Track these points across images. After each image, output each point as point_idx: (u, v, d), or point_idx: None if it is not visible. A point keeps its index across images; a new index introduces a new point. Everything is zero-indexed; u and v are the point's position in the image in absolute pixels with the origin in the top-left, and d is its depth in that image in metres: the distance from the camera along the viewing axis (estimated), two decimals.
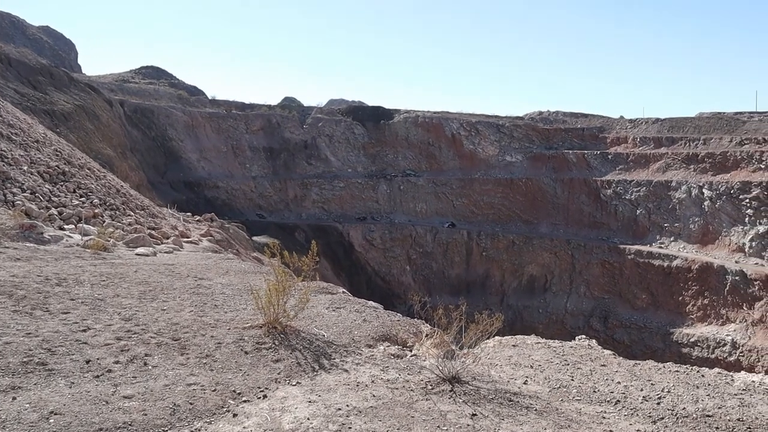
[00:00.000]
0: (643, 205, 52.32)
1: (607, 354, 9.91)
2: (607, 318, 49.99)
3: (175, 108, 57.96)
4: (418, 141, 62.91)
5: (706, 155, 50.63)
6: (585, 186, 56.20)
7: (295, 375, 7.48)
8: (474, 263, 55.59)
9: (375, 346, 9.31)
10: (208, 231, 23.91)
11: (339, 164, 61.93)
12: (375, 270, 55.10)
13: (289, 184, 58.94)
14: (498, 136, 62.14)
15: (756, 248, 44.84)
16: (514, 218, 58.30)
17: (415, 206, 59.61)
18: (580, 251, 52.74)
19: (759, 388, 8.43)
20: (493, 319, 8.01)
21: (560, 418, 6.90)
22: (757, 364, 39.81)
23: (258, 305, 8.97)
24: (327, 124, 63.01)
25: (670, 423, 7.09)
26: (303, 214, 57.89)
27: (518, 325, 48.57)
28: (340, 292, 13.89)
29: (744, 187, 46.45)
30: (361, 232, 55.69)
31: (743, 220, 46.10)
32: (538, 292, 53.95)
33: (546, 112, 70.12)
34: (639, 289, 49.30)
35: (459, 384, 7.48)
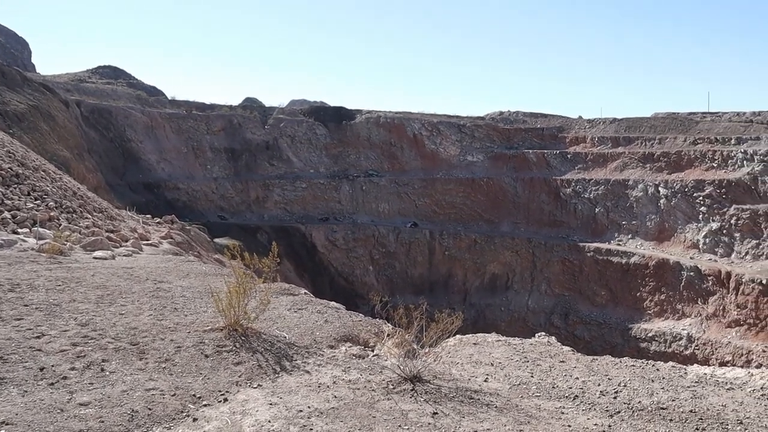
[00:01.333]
0: (602, 204, 53.32)
1: (566, 350, 10.09)
2: (567, 315, 50.80)
3: (133, 108, 56.93)
4: (380, 141, 63.01)
5: (661, 154, 51.88)
6: (545, 185, 57.01)
7: (257, 377, 7.43)
8: (436, 263, 55.91)
9: (337, 346, 9.31)
10: (169, 233, 23.56)
11: (301, 165, 61.64)
12: (338, 270, 55.00)
13: (251, 185, 58.42)
14: (459, 136, 62.61)
15: (709, 244, 46.11)
16: (476, 218, 58.82)
17: (378, 206, 59.69)
18: (541, 249, 53.48)
19: (710, 380, 8.68)
20: (453, 318, 8.09)
21: (520, 414, 7.00)
22: (711, 357, 40.92)
23: (218, 308, 8.88)
24: (289, 125, 62.65)
25: (626, 416, 7.25)
26: (265, 216, 57.45)
27: (481, 324, 48.96)
28: (301, 293, 13.84)
29: (698, 185, 47.75)
30: (323, 233, 55.52)
31: (697, 217, 47.37)
32: (500, 290, 54.53)
33: (506, 112, 70.94)
34: (598, 285, 50.23)
35: (420, 383, 7.53)
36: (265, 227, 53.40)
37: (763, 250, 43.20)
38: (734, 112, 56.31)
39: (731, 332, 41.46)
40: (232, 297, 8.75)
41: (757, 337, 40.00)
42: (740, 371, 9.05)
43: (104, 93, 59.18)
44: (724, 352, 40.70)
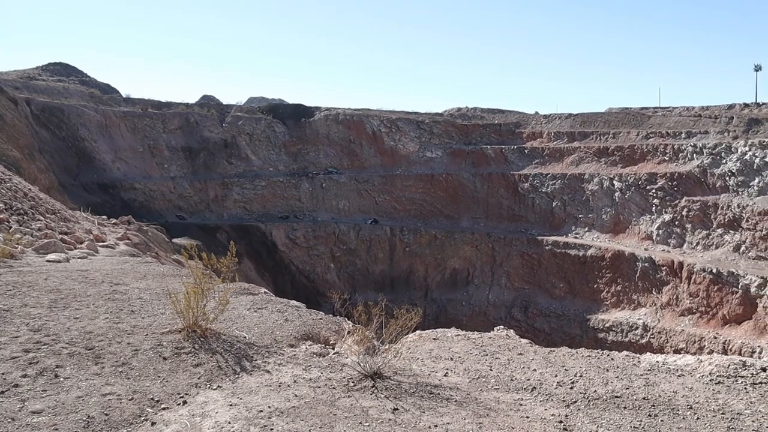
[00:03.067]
0: (559, 198, 54.21)
1: (524, 343, 10.26)
2: (527, 308, 51.54)
3: (86, 107, 55.58)
4: (339, 138, 62.88)
5: (615, 148, 52.98)
6: (503, 180, 57.67)
7: (216, 379, 7.39)
8: (397, 259, 56.11)
9: (297, 345, 9.30)
10: (125, 234, 23.14)
11: (260, 163, 61.09)
12: (299, 269, 54.75)
13: (210, 184, 57.67)
14: (418, 133, 62.88)
15: (662, 236, 47.32)
16: (436, 213, 59.20)
17: (338, 204, 59.58)
18: (500, 244, 54.12)
19: (662, 368, 8.93)
20: (412, 314, 8.15)
21: (479, 407, 7.10)
22: (666, 345, 42.04)
23: (176, 309, 8.79)
24: (247, 123, 62.00)
25: (583, 406, 7.42)
26: (225, 215, 56.81)
27: (443, 319, 49.41)
28: (261, 292, 13.77)
29: (650, 178, 48.93)
30: (284, 231, 55.17)
31: (650, 209, 48.56)
32: (460, 285, 55.00)
33: (464, 108, 71.55)
34: (557, 278, 51.09)
35: (381, 379, 7.58)
36: (225, 226, 52.81)
37: (713, 241, 44.50)
38: (684, 107, 57.83)
39: (684, 320, 42.66)
40: (190, 298, 8.66)
41: (708, 325, 41.23)
42: (690, 358, 9.34)
43: (55, 91, 57.65)
44: (678, 340, 41.85)
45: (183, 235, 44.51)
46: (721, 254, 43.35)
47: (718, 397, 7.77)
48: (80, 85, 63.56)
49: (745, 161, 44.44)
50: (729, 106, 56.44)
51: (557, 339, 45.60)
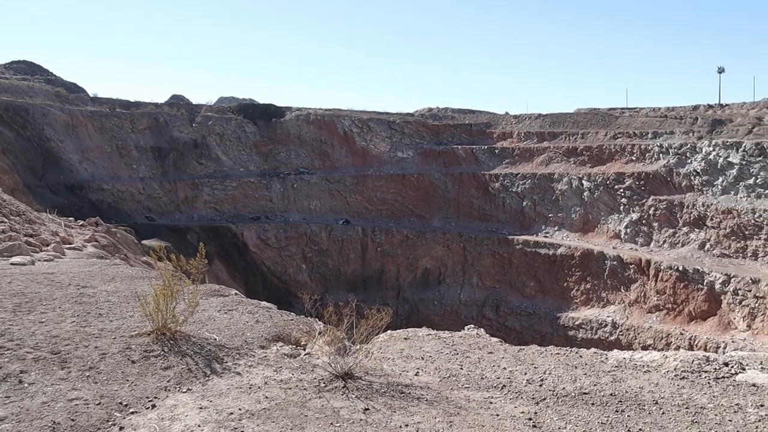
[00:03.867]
0: (529, 197, 54.74)
1: (494, 341, 10.36)
2: (498, 306, 51.95)
3: (52, 106, 54.55)
4: (310, 139, 62.67)
5: (584, 148, 53.70)
6: (474, 180, 58.05)
7: (186, 382, 7.33)
8: (369, 259, 56.11)
9: (268, 347, 9.26)
10: (93, 236, 22.77)
11: (231, 163, 60.61)
12: (271, 270, 54.44)
13: (180, 184, 57.02)
14: (389, 133, 62.98)
15: (630, 234, 48.11)
16: (407, 213, 59.35)
17: (309, 204, 59.39)
18: (472, 243, 54.46)
19: (629, 364, 9.10)
20: (383, 314, 8.19)
21: (450, 406, 7.16)
22: (634, 342, 42.74)
23: (145, 312, 8.69)
24: (217, 123, 61.46)
25: (552, 403, 7.53)
26: (195, 216, 56.23)
27: (415, 318, 49.56)
28: (232, 293, 13.68)
29: (618, 177, 49.72)
30: (255, 232, 54.81)
31: (618, 208, 49.33)
32: (432, 284, 55.22)
33: (435, 108, 71.88)
34: (527, 277, 51.58)
35: (352, 380, 7.59)
36: (195, 227, 52.27)
37: (679, 239, 45.37)
38: (650, 107, 58.91)
39: (652, 317, 43.42)
40: (159, 300, 8.58)
41: (675, 321, 42.03)
42: (656, 354, 9.52)
43: (19, 89, 56.48)
44: (646, 337, 42.58)
45: (153, 236, 43.96)
46: (687, 252, 44.21)
47: (683, 391, 7.94)
48: (46, 84, 62.38)
49: (709, 161, 45.38)
50: (694, 107, 57.62)
51: (528, 337, 46.05)
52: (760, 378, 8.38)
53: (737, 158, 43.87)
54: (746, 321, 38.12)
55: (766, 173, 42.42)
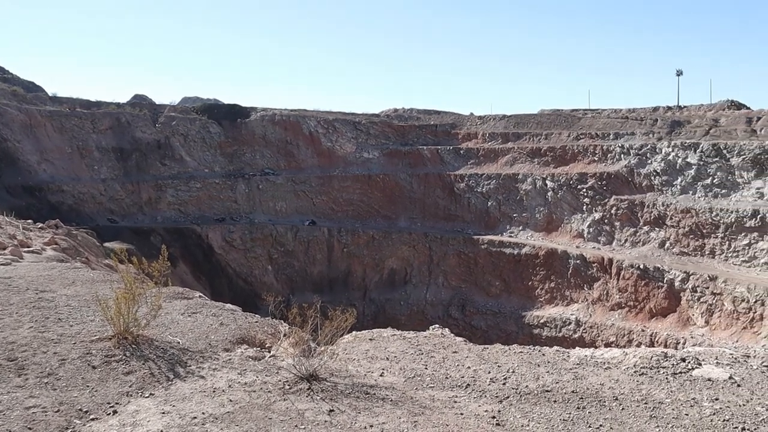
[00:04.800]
0: (494, 197, 55.25)
1: (459, 341, 10.45)
2: (464, 306, 52.30)
3: (9, 106, 53.17)
4: (276, 139, 62.26)
5: (548, 149, 54.44)
6: (439, 180, 58.36)
7: (148, 386, 7.24)
8: (336, 260, 55.99)
9: (232, 349, 9.20)
10: (53, 239, 22.30)
11: (195, 164, 59.86)
12: (236, 271, 53.93)
13: (143, 186, 56.09)
14: (355, 134, 62.94)
15: (593, 233, 48.92)
16: (373, 214, 59.40)
17: (275, 205, 58.99)
18: (437, 243, 54.74)
19: (590, 362, 9.27)
20: (347, 315, 8.20)
21: (414, 406, 7.21)
22: (597, 339, 43.48)
23: (106, 316, 8.56)
24: (181, 123, 60.64)
25: (515, 401, 7.63)
26: (159, 217, 55.38)
27: (381, 319, 49.61)
28: (196, 296, 13.54)
29: (581, 178, 50.52)
30: (220, 234, 54.23)
31: (581, 208, 50.12)
32: (398, 285, 55.35)
33: (401, 109, 72.09)
34: (493, 276, 52.04)
35: (317, 381, 7.59)
36: (159, 229, 51.48)
37: (640, 238, 46.29)
38: (612, 109, 60.02)
39: (614, 315, 44.21)
40: (120, 303, 8.45)
41: (636, 318, 42.88)
42: (617, 351, 9.72)
43: None
44: (609, 334, 43.34)
45: (115, 238, 43.17)
46: (648, 251, 45.14)
47: (642, 387, 8.12)
48: (1, 83, 60.82)
49: (668, 161, 46.44)
50: (654, 109, 58.88)
51: (494, 336, 46.45)
52: (715, 373, 8.63)
53: (695, 159, 44.99)
54: (704, 317, 39.09)
55: (722, 173, 43.57)
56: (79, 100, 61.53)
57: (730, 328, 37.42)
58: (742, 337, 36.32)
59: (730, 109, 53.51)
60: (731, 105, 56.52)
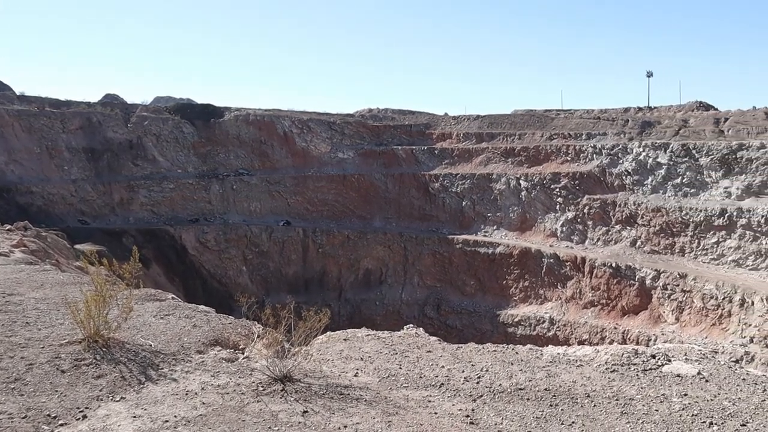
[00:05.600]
0: (468, 197, 55.54)
1: (433, 340, 10.48)
2: (439, 305, 52.50)
3: None
4: (250, 139, 61.88)
5: (521, 149, 54.89)
6: (414, 180, 58.51)
7: (119, 390, 7.15)
8: (311, 260, 55.83)
9: (206, 351, 9.12)
10: (21, 241, 21.88)
11: (168, 164, 59.24)
12: (210, 273, 53.49)
13: (114, 186, 55.35)
14: (330, 134, 62.82)
15: (566, 233, 49.45)
16: (348, 214, 59.33)
17: (249, 205, 58.63)
18: (412, 243, 54.87)
19: (563, 359, 9.36)
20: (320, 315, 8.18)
21: (389, 406, 7.22)
22: (571, 337, 43.95)
23: (76, 319, 8.42)
24: (154, 123, 59.96)
25: (488, 399, 7.68)
26: (131, 218, 54.71)
27: (357, 319, 49.57)
28: (169, 298, 13.39)
29: (554, 177, 51.05)
30: (194, 234, 53.75)
31: (555, 207, 50.63)
32: (374, 285, 55.37)
33: (375, 109, 72.10)
34: (467, 276, 52.31)
35: (291, 383, 7.56)
36: (132, 231, 50.85)
37: (612, 236, 46.91)
38: (584, 109, 60.75)
39: (587, 313, 44.74)
40: (90, 306, 8.33)
41: (609, 316, 43.44)
42: (588, 349, 9.84)
43: None
44: (582, 332, 43.84)
45: (87, 240, 42.55)
46: (620, 249, 45.76)
47: (613, 384, 8.23)
48: None
49: (639, 161, 47.13)
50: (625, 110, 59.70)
51: (469, 335, 46.68)
52: (684, 368, 8.77)
53: (665, 159, 45.72)
54: (675, 314, 39.75)
55: (691, 173, 44.34)
56: (48, 100, 60.51)
57: (699, 325, 38.10)
58: (711, 334, 37.00)
59: (699, 110, 54.50)
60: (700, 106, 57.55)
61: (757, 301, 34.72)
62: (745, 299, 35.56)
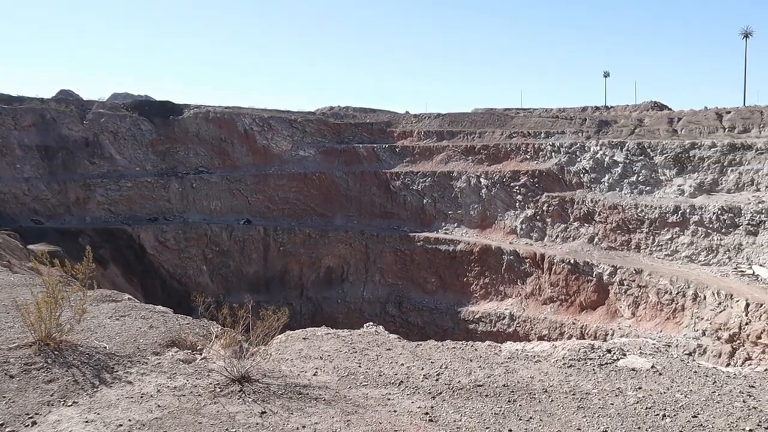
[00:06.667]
0: (429, 195, 55.82)
1: (393, 338, 10.50)
2: (401, 303, 52.64)
3: None
4: (209, 137, 61.08)
5: (481, 147, 55.40)
6: (375, 178, 58.54)
7: (72, 394, 6.97)
8: (272, 259, 55.40)
9: (162, 353, 8.97)
10: None
11: (126, 163, 58.07)
12: (170, 272, 52.64)
13: (70, 185, 54.01)
14: (291, 132, 62.43)
15: (525, 230, 50.07)
16: (310, 212, 59.07)
17: (210, 204, 57.89)
18: (374, 241, 54.89)
19: (521, 355, 9.47)
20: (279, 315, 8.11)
21: (348, 405, 7.19)
22: (531, 332, 44.53)
23: (26, 321, 8.19)
24: (111, 120, 58.70)
25: (447, 396, 7.72)
26: (87, 218, 53.47)
27: (319, 317, 49.39)
28: (125, 298, 13.14)
29: (514, 175, 51.65)
30: (152, 234, 52.80)
31: (514, 205, 51.23)
32: (335, 283, 55.23)
33: (336, 107, 71.98)
34: (428, 273, 52.57)
35: (249, 383, 7.48)
36: (88, 230, 49.68)
37: (570, 233, 47.66)
38: (543, 108, 61.72)
39: (546, 308, 45.37)
40: (42, 308, 8.10)
41: (567, 311, 44.15)
42: (546, 344, 9.97)
43: None
44: (541, 327, 44.46)
45: (41, 240, 41.42)
46: (578, 246, 46.52)
47: (570, 379, 8.35)
48: None
49: (596, 159, 48.01)
50: (582, 109, 60.79)
51: (430, 332, 46.95)
52: (639, 362, 8.96)
53: (621, 157, 46.68)
54: (631, 309, 40.60)
55: (646, 171, 45.35)
56: None
57: (654, 319, 38.99)
58: (665, 327, 37.91)
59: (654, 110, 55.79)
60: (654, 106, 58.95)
61: (708, 295, 35.70)
62: (698, 294, 36.52)
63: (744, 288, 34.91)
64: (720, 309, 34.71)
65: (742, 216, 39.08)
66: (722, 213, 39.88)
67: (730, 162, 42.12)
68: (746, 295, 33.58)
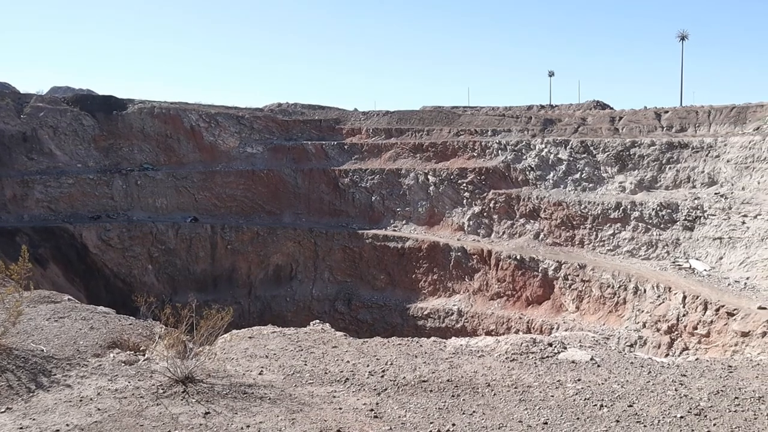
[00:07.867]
0: (378, 192, 55.97)
1: (339, 336, 10.54)
2: (350, 300, 52.65)
3: None
4: (155, 133, 59.75)
5: (429, 145, 55.84)
6: (324, 176, 58.36)
7: (5, 400, 6.78)
8: (219, 257, 54.63)
9: (104, 354, 8.79)
10: None
11: (66, 159, 56.31)
12: (114, 272, 51.33)
13: (6, 182, 52.09)
14: (238, 128, 61.64)
15: (473, 226, 50.74)
16: (258, 210, 58.47)
17: (155, 202, 56.68)
18: (322, 238, 54.73)
19: (465, 351, 9.63)
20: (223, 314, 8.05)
21: (293, 403, 7.20)
22: (479, 328, 45.17)
23: None
24: (50, 114, 56.82)
25: (393, 392, 7.80)
26: (25, 216, 51.67)
27: (267, 315, 48.93)
28: (65, 299, 12.80)
29: (461, 173, 52.26)
30: (95, 233, 51.37)
31: (462, 202, 51.84)
32: (284, 281, 54.84)
33: (285, 104, 71.33)
34: (377, 270, 52.72)
35: (193, 383, 7.41)
36: (26, 229, 48.02)
37: (516, 230, 48.52)
38: (490, 106, 62.50)
39: (494, 304, 46.11)
40: None
41: (514, 306, 44.96)
42: (490, 339, 10.17)
43: None
44: (489, 323, 45.14)
45: None
46: (524, 242, 47.40)
47: (512, 373, 8.54)
48: None
49: (542, 157, 48.99)
50: (528, 107, 61.86)
51: (379, 329, 47.15)
52: (579, 355, 9.22)
53: (565, 155, 47.76)
54: (575, 303, 41.63)
55: (589, 169, 46.53)
56: None
57: (597, 312, 40.08)
58: (608, 321, 39.00)
59: (596, 109, 57.23)
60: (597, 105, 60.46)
61: (648, 288, 36.90)
62: (639, 287, 37.71)
63: (681, 281, 36.21)
64: (659, 302, 35.93)
65: (679, 212, 40.52)
66: (661, 209, 41.26)
67: (668, 160, 43.58)
68: (683, 287, 34.84)
